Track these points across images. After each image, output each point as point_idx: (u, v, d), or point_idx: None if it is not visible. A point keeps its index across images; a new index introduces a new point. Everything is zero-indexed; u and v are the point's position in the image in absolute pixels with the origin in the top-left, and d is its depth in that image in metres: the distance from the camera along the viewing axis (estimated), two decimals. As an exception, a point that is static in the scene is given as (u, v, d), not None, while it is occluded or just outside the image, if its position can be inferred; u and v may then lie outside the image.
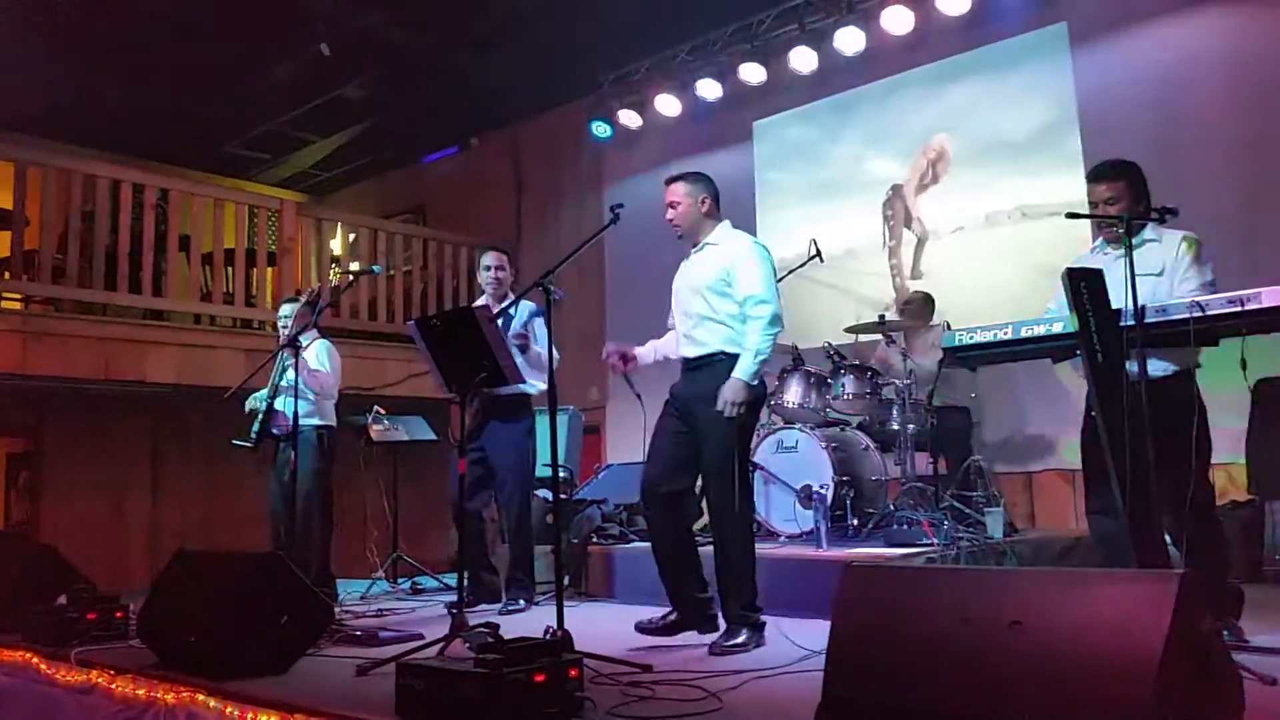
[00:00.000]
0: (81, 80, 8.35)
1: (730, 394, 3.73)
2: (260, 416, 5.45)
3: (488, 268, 5.29)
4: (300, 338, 5.08)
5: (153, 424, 8.02)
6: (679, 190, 4.01)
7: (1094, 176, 3.74)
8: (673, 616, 3.88)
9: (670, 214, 4.00)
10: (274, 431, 5.43)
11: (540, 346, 4.83)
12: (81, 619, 4.04)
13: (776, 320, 3.85)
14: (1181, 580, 1.94)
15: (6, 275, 6.72)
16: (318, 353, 5.54)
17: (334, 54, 7.97)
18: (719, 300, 3.89)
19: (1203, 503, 3.50)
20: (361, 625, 4.37)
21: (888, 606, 2.38)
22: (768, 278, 3.90)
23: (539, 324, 4.97)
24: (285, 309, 5.79)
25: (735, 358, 3.82)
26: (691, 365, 3.95)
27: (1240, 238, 5.43)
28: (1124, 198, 3.64)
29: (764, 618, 3.83)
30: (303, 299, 5.61)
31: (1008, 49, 6.73)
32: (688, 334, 3.97)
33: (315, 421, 5.51)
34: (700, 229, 4.01)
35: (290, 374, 5.34)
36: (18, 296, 6.93)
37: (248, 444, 5.47)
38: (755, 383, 3.81)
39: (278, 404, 5.44)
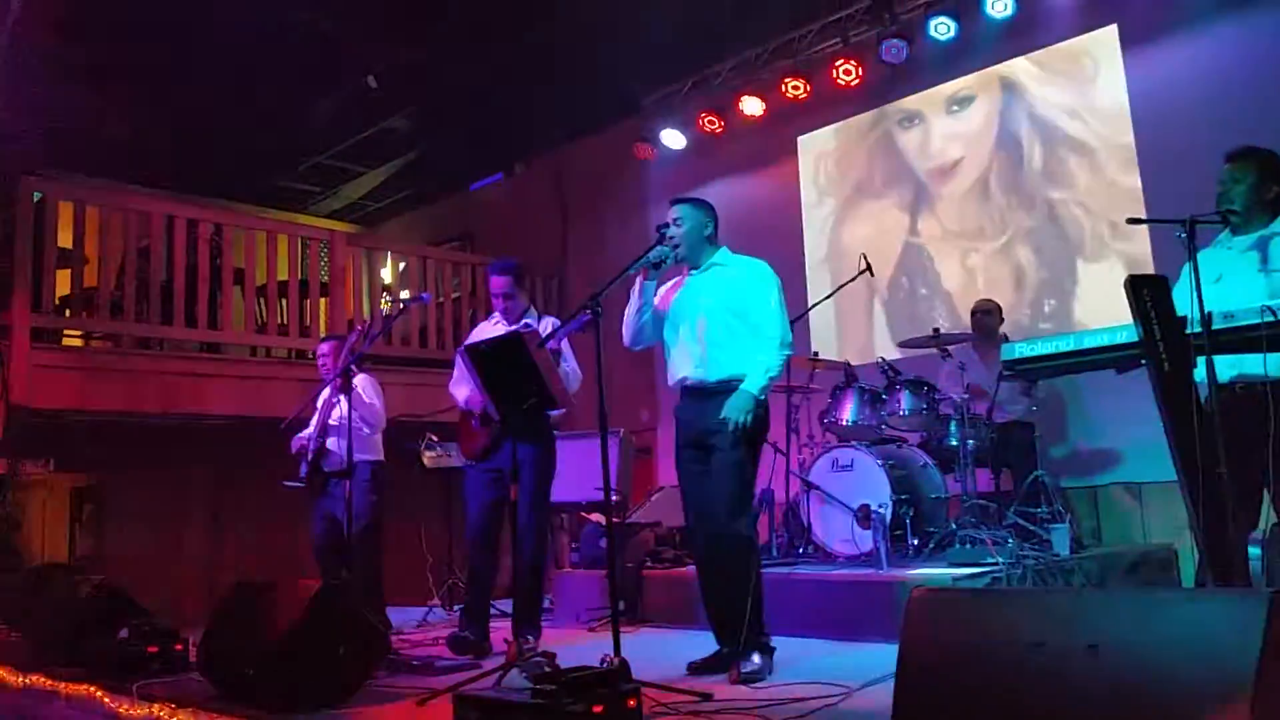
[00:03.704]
0: (134, 119, 8.53)
1: (739, 404, 3.74)
2: (310, 456, 5.49)
3: (495, 296, 4.86)
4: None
5: (212, 456, 8.12)
6: (684, 210, 4.03)
7: (1227, 156, 3.60)
8: (722, 652, 3.82)
9: (673, 231, 3.96)
10: (325, 469, 5.46)
11: (569, 364, 4.64)
12: (143, 652, 4.08)
13: (788, 345, 3.91)
14: (1274, 600, 1.84)
15: (67, 313, 6.86)
16: (363, 387, 5.43)
17: (380, 86, 8.07)
18: (736, 322, 3.89)
19: None
20: (418, 654, 4.35)
21: (957, 632, 2.29)
22: (781, 304, 3.94)
23: (566, 341, 4.67)
24: (324, 348, 5.80)
25: None
26: (710, 390, 3.88)
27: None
28: (1247, 179, 3.51)
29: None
30: (351, 339, 5.53)
31: (1058, 54, 6.61)
32: (702, 357, 3.91)
33: (368, 457, 5.52)
34: (700, 253, 4.02)
35: (338, 411, 5.39)
36: (78, 333, 7.07)
37: (299, 484, 5.52)
38: (763, 397, 3.82)
39: (329, 443, 5.48)
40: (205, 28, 7.15)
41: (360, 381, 5.29)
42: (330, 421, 5.51)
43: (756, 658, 3.66)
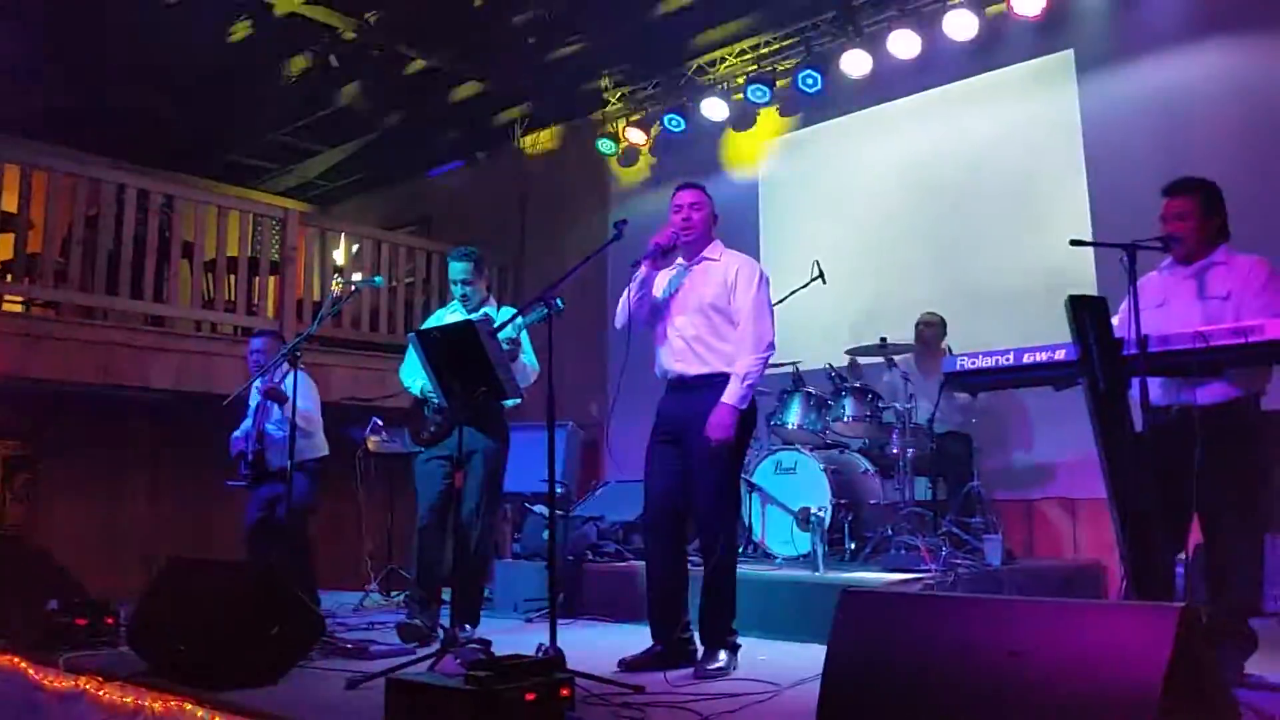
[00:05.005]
0: (89, 86, 8.37)
1: (720, 419, 3.70)
2: (250, 458, 5.42)
3: (454, 283, 4.78)
4: (277, 374, 5.07)
5: (151, 430, 8.00)
6: (700, 196, 4.00)
7: (1166, 191, 3.67)
8: (656, 649, 3.81)
9: (692, 216, 3.94)
10: (268, 469, 5.40)
11: (528, 356, 4.62)
12: (71, 624, 4.02)
13: (769, 346, 3.85)
14: (1181, 614, 1.92)
15: (9, 278, 6.71)
16: (301, 391, 4.97)
17: (341, 66, 8.00)
18: (720, 318, 3.86)
19: (1254, 543, 3.47)
20: (353, 638, 4.33)
21: (885, 633, 2.36)
22: (764, 302, 3.89)
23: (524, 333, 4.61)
24: (257, 343, 5.68)
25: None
26: (689, 384, 3.87)
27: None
28: (1193, 215, 3.59)
29: (741, 639, 3.82)
30: (284, 348, 5.20)
31: (1015, 75, 6.74)
32: (683, 351, 3.89)
33: (309, 456, 5.44)
34: (703, 243, 3.99)
35: (275, 414, 5.34)
36: (19, 299, 6.92)
37: (243, 483, 5.47)
38: (744, 407, 3.77)
39: (268, 455, 5.41)
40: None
41: (295, 384, 4.89)
42: (266, 427, 5.44)
43: (723, 655, 3.68)
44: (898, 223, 7.20)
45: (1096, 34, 6.39)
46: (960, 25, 6.55)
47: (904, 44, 6.80)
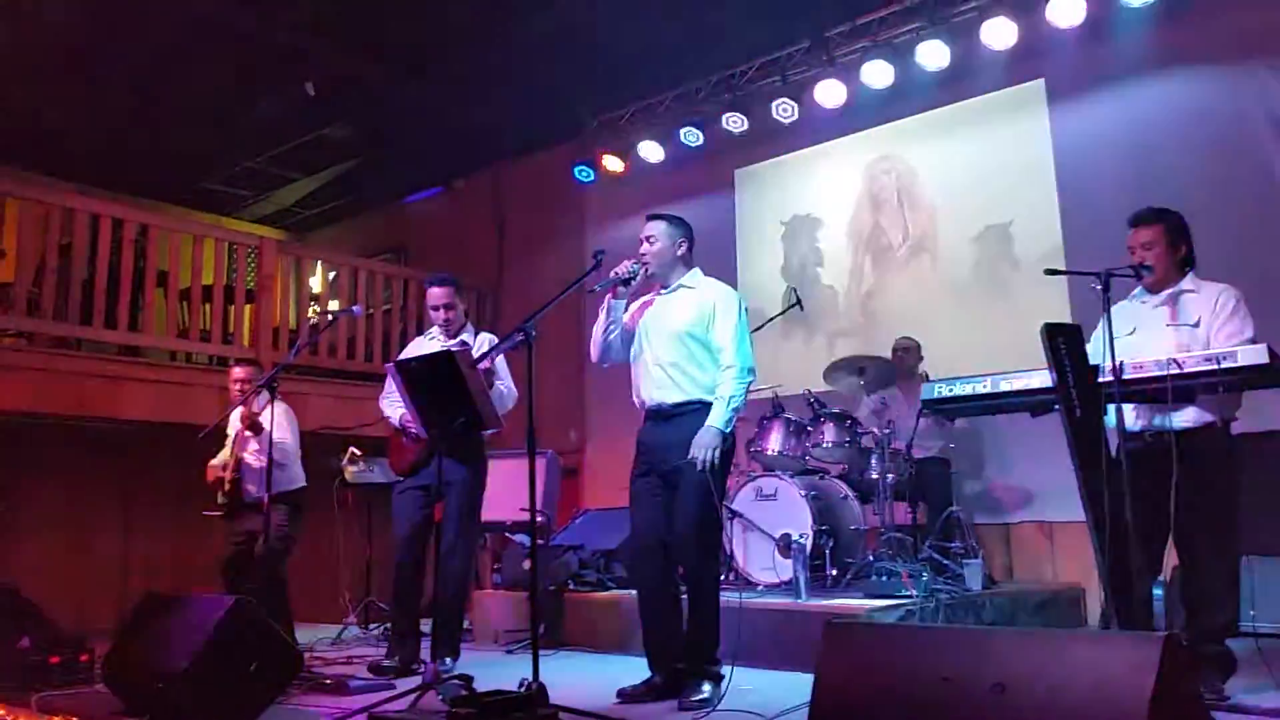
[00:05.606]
0: (64, 114, 8.33)
1: (706, 440, 3.70)
2: (227, 488, 5.38)
3: (435, 308, 4.81)
4: (256, 403, 5.03)
5: (125, 461, 7.89)
6: (659, 228, 4.01)
7: (1133, 221, 3.76)
8: (655, 680, 3.79)
9: (645, 249, 3.97)
10: (245, 500, 5.36)
11: (504, 383, 4.61)
12: (44, 662, 3.96)
13: (750, 371, 3.87)
14: (1166, 643, 1.93)
15: (-20, 307, 6.64)
16: (278, 421, 4.95)
17: (319, 94, 7.99)
18: (697, 346, 3.87)
19: (1230, 565, 3.51)
20: (332, 673, 4.28)
21: (870, 664, 2.35)
22: (743, 329, 3.91)
23: (502, 360, 4.68)
24: (239, 371, 5.66)
25: (710, 406, 3.80)
26: (667, 413, 3.88)
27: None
28: (1159, 243, 3.67)
29: (725, 669, 3.78)
30: (262, 380, 5.12)
31: (987, 104, 6.83)
32: (661, 379, 3.89)
33: (287, 488, 5.39)
34: (672, 272, 4.01)
35: (252, 446, 5.30)
36: (-10, 329, 6.85)
37: (219, 513, 5.42)
38: (729, 430, 3.79)
39: (247, 486, 5.37)
40: (140, 22, 7.03)
41: (271, 415, 4.89)
42: (244, 456, 5.40)
43: (706, 687, 3.66)
44: (871, 249, 7.26)
45: (1067, 63, 6.48)
46: (932, 55, 6.63)
47: (877, 73, 6.86)
